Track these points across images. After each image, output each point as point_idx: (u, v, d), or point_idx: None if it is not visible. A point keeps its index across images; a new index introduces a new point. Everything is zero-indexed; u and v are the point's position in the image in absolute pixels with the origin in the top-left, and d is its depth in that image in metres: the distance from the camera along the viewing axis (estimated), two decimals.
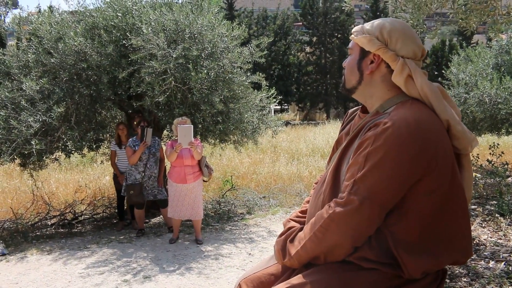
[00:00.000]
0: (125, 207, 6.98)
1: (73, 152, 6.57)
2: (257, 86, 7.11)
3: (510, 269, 3.61)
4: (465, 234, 1.56)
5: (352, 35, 1.71)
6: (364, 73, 1.66)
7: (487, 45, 12.46)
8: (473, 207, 5.58)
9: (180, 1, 7.33)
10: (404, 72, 1.57)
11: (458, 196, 1.53)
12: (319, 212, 1.60)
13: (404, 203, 1.48)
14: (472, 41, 33.03)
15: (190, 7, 6.34)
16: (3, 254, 5.55)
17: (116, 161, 6.75)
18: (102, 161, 8.34)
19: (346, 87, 1.75)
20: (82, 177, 9.78)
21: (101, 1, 6.59)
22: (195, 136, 5.98)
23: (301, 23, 39.22)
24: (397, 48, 1.59)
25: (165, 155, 6.13)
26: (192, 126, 5.56)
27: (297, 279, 1.62)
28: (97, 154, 7.71)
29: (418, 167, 1.44)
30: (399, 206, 1.49)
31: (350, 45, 1.74)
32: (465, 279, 3.51)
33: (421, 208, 1.47)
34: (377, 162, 1.45)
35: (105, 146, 7.59)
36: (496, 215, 5.07)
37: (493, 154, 7.36)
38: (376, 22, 1.67)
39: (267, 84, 7.15)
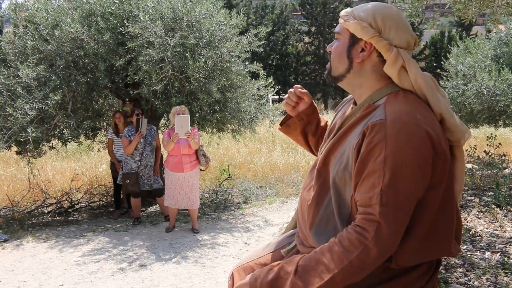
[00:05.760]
0: (121, 196, 6.97)
1: (69, 140, 6.55)
2: (255, 76, 7.08)
3: (506, 260, 3.62)
4: (452, 228, 1.51)
5: (341, 20, 1.57)
6: (354, 62, 1.54)
7: (486, 37, 12.44)
8: (469, 198, 5.59)
9: None
10: (398, 63, 1.48)
11: (453, 190, 1.50)
12: (350, 237, 1.38)
13: None
14: (471, 33, 33.04)
15: None
16: (5, 240, 5.57)
17: (113, 149, 6.73)
18: (99, 149, 8.32)
19: (332, 74, 1.63)
20: (79, 165, 9.76)
21: None
22: (192, 125, 5.97)
23: (299, 13, 39.19)
24: (390, 36, 1.50)
25: (162, 144, 6.11)
26: (189, 116, 5.54)
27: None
28: (94, 142, 7.68)
29: (429, 165, 1.36)
30: None
31: (337, 29, 1.61)
32: (460, 270, 3.52)
33: (423, 204, 1.41)
34: (399, 166, 1.33)
35: (102, 134, 7.57)
36: (493, 206, 5.07)
37: (490, 146, 7.36)
38: (367, 7, 1.55)
39: (265, 73, 7.12)
